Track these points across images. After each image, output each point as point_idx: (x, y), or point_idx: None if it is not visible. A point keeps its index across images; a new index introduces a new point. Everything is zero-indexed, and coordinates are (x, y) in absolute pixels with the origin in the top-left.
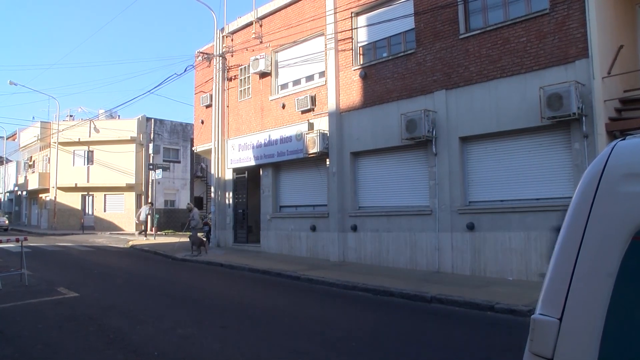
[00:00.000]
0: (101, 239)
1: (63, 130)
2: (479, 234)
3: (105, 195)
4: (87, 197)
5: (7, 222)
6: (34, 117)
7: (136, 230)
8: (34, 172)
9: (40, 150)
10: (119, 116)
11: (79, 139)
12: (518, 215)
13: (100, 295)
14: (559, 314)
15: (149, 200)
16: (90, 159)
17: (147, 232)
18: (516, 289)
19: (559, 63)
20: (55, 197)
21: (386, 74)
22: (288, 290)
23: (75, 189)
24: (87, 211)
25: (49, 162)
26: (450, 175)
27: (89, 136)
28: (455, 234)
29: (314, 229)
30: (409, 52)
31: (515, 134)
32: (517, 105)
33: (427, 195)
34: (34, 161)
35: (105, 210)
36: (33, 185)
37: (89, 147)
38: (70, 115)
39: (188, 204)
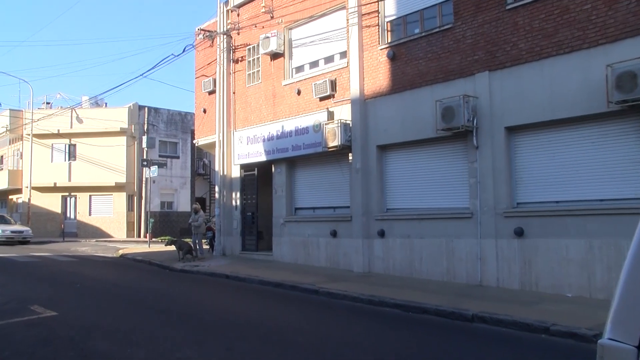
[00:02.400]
0: (85, 248)
1: (39, 120)
2: (529, 242)
3: (90, 196)
4: (68, 198)
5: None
6: (1, 105)
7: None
8: (2, 169)
9: (10, 144)
10: (106, 104)
11: (59, 130)
12: (577, 220)
13: (84, 313)
14: (636, 340)
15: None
16: (72, 154)
17: (141, 239)
18: (576, 308)
19: (634, 34)
20: (29, 199)
21: (418, 53)
22: (304, 306)
23: (54, 189)
24: (68, 215)
25: (22, 158)
26: (494, 171)
27: (71, 127)
28: (501, 240)
29: (334, 234)
30: (446, 27)
31: (573, 122)
32: (577, 88)
33: (466, 195)
34: (2, 156)
35: (90, 214)
36: (2, 184)
37: (70, 140)
38: (47, 103)
39: (195, 203)
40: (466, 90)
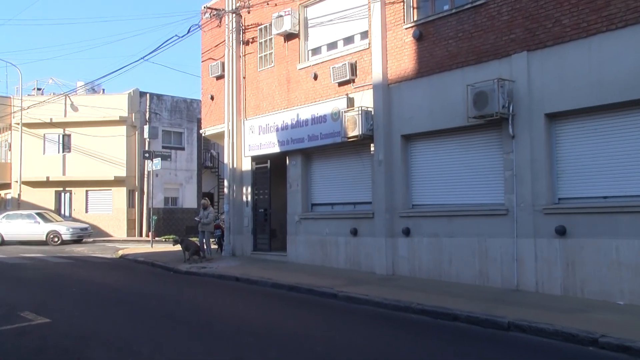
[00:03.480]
0: (82, 248)
1: (29, 107)
2: (572, 242)
3: (87, 191)
4: (63, 194)
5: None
6: None
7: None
8: None
9: None
10: (103, 90)
11: (51, 119)
12: (629, 217)
13: (80, 320)
14: None
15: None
16: (66, 145)
17: (143, 238)
18: (629, 318)
19: None
20: (19, 195)
21: (448, 32)
22: (322, 312)
23: (47, 183)
24: (63, 212)
25: (10, 150)
26: (532, 163)
27: (65, 116)
28: (540, 240)
29: (354, 233)
30: (479, 2)
31: (625, 108)
32: (631, 68)
33: (501, 190)
34: None
35: (87, 211)
36: None
37: (64, 130)
38: (38, 89)
39: (204, 198)
40: (501, 73)
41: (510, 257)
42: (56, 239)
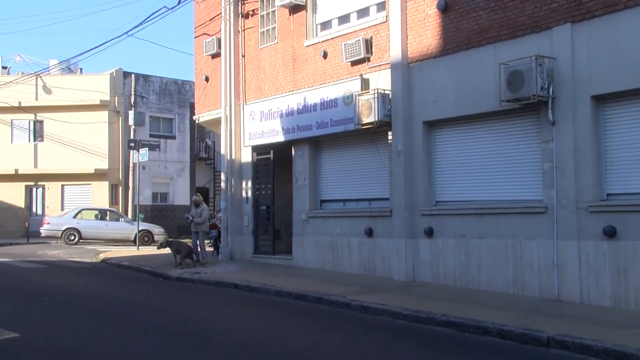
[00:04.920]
0: (57, 251)
1: None
2: (624, 244)
3: (63, 186)
4: (34, 189)
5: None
6: None
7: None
8: None
9: None
10: (81, 70)
11: (20, 103)
12: None
13: (55, 334)
14: None
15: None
16: (38, 133)
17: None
18: None
19: None
20: None
21: (477, 2)
22: (333, 324)
23: (15, 177)
24: (34, 210)
25: None
26: (576, 153)
27: (36, 99)
28: (586, 243)
29: (369, 233)
30: None
31: None
32: None
33: (539, 184)
34: None
35: (63, 209)
36: None
37: (35, 116)
38: (4, 67)
39: (196, 194)
40: (540, 49)
41: (549, 261)
42: (146, 239)
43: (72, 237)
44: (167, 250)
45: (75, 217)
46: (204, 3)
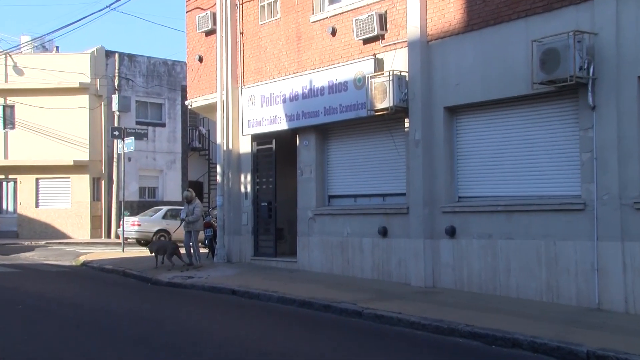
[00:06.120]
0: (31, 253)
1: None
2: None
3: (37, 180)
4: (4, 183)
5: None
6: None
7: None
8: None
9: None
10: (57, 48)
11: None
12: None
13: (28, 347)
14: None
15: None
16: (8, 119)
17: (112, 240)
18: None
19: None
20: None
21: None
22: (342, 335)
23: None
24: (4, 207)
25: None
26: (620, 143)
27: (6, 81)
28: (631, 244)
29: (384, 233)
30: None
31: None
32: None
33: (576, 177)
34: None
35: (37, 206)
36: None
37: (5, 100)
38: None
39: (187, 189)
40: (579, 23)
41: (588, 265)
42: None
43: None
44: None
45: (163, 217)
46: None
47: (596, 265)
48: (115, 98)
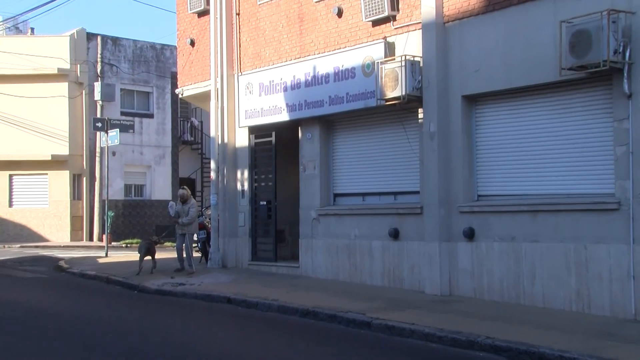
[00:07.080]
0: (3, 258)
1: None
2: None
3: (11, 176)
4: None
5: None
6: None
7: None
8: None
9: None
10: (32, 30)
11: None
12: None
13: None
14: None
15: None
16: None
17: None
18: None
19: None
20: None
21: None
22: (349, 347)
23: None
24: None
25: None
26: None
27: None
28: None
29: (395, 235)
30: None
31: None
32: None
33: (610, 173)
34: None
35: (10, 205)
36: None
37: None
38: None
39: (182, 187)
40: (614, 2)
41: (623, 271)
42: None
43: None
44: (147, 257)
45: None
46: None
47: (632, 272)
48: (97, 86)
